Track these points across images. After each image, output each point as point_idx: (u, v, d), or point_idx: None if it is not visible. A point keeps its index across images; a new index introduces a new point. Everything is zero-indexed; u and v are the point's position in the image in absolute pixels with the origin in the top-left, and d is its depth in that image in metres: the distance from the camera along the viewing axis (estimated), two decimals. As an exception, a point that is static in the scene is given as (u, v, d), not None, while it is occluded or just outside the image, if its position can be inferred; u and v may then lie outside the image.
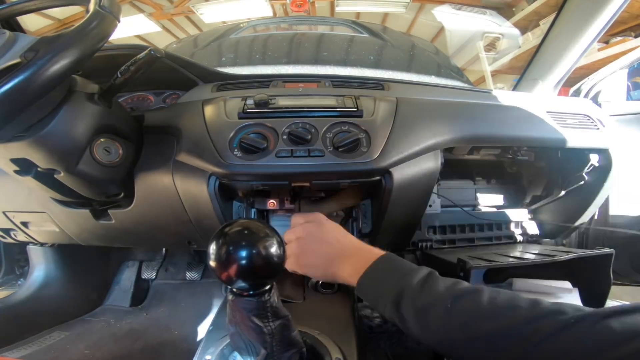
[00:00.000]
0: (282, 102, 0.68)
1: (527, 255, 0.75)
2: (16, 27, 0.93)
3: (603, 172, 0.83)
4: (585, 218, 0.90)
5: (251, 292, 0.37)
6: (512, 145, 0.84)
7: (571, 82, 1.11)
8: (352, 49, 1.28)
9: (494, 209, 0.99)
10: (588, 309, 0.36)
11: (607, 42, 2.08)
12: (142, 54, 0.59)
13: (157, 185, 0.68)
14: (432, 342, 0.41)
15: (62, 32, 0.47)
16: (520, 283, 0.73)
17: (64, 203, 0.72)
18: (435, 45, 1.71)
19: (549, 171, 0.94)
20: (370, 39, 1.34)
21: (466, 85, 1.13)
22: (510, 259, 0.70)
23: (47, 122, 0.52)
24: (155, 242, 0.96)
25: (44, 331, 0.99)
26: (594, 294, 0.73)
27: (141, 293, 1.20)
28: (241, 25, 1.47)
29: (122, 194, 0.71)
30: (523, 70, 1.11)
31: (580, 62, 1.01)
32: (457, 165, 0.99)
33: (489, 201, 1.00)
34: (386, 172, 0.64)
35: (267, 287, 0.37)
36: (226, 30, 1.42)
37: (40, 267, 1.09)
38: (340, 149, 0.62)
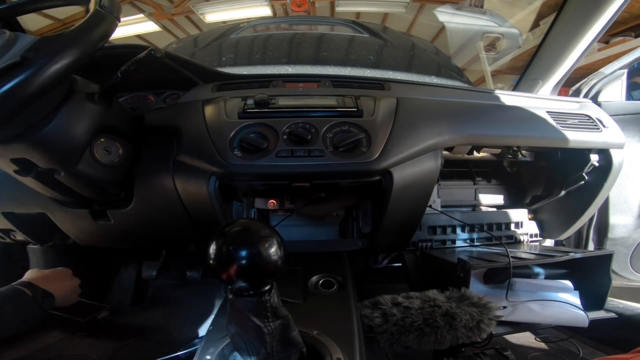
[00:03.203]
0: (283, 102, 0.68)
1: (527, 256, 0.75)
2: (16, 27, 0.93)
3: (603, 172, 0.83)
4: (585, 218, 0.90)
5: (251, 292, 0.37)
6: (512, 145, 0.84)
7: (571, 82, 1.11)
8: (352, 48, 1.28)
9: (494, 209, 0.99)
10: None
11: (607, 42, 2.08)
12: (142, 54, 0.59)
13: (157, 186, 0.68)
14: None
15: (63, 32, 0.47)
16: (520, 283, 0.74)
17: (64, 203, 0.72)
18: (435, 45, 1.71)
19: (549, 171, 0.94)
20: (370, 38, 1.34)
21: (466, 85, 1.13)
22: (510, 259, 0.70)
23: (47, 122, 0.52)
24: (155, 243, 0.96)
25: (44, 331, 0.99)
26: (593, 294, 0.74)
27: (141, 293, 1.20)
28: (241, 25, 1.47)
29: (121, 194, 0.70)
30: (523, 70, 1.11)
31: (580, 62, 1.01)
32: (457, 165, 0.99)
33: (489, 201, 1.00)
34: (386, 172, 0.64)
35: (267, 287, 0.37)
36: (226, 30, 1.42)
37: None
38: (340, 149, 0.62)
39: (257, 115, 0.65)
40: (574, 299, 0.73)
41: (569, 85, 1.12)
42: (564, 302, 0.72)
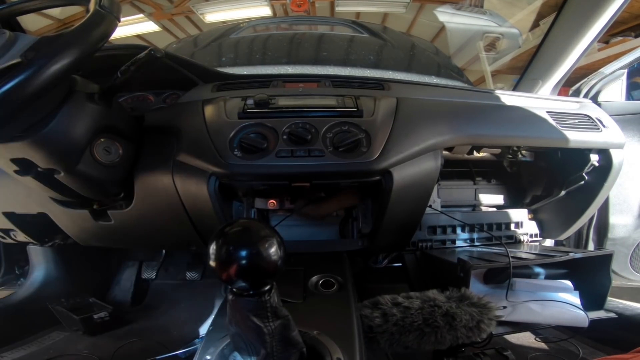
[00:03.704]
0: (282, 102, 0.68)
1: (527, 256, 0.75)
2: (16, 27, 0.93)
3: (603, 172, 0.83)
4: (585, 218, 0.90)
5: (251, 292, 0.37)
6: (512, 145, 0.84)
7: (571, 82, 1.11)
8: (352, 48, 1.28)
9: (494, 209, 0.99)
10: None
11: (607, 42, 2.08)
12: (142, 54, 0.59)
13: (157, 186, 0.68)
14: None
15: (62, 32, 0.47)
16: (520, 283, 0.74)
17: (64, 203, 0.72)
18: (435, 45, 1.71)
19: (549, 171, 0.94)
20: (370, 38, 1.34)
21: (466, 85, 1.13)
22: (510, 259, 0.70)
23: (47, 122, 0.52)
24: (155, 243, 0.96)
25: (44, 331, 1.00)
26: (593, 294, 0.74)
27: (141, 293, 1.20)
28: (241, 25, 1.47)
29: (121, 194, 0.70)
30: (523, 70, 1.11)
31: (580, 62, 1.01)
32: (457, 165, 0.99)
33: (489, 201, 1.00)
34: (386, 172, 0.64)
35: (267, 287, 0.37)
36: (226, 30, 1.41)
37: (40, 267, 1.09)
38: (340, 149, 0.62)
39: (257, 116, 0.65)
40: (574, 299, 0.73)
41: (569, 85, 1.12)
42: (564, 302, 0.72)
